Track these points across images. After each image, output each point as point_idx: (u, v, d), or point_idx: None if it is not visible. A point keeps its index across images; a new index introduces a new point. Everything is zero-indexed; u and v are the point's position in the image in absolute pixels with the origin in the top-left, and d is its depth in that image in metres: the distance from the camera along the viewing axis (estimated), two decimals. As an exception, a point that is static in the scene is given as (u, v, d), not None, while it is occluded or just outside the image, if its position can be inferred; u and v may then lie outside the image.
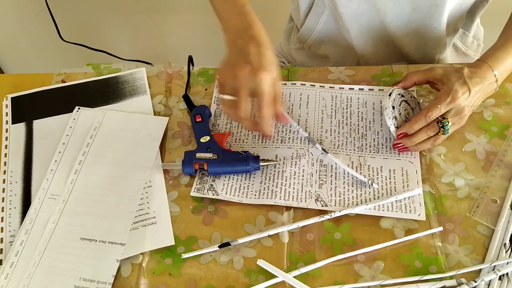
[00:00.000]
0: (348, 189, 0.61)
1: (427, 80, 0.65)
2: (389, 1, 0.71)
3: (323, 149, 0.63)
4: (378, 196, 0.60)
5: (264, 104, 0.55)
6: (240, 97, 0.55)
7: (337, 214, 0.58)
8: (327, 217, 0.58)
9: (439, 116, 0.60)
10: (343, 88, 0.71)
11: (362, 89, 0.71)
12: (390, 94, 0.63)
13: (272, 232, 0.58)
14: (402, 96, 0.65)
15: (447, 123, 0.59)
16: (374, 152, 0.64)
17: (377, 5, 0.72)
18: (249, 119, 0.57)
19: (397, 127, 0.62)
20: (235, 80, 0.55)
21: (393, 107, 0.63)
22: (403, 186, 0.61)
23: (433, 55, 0.80)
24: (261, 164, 0.62)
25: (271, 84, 0.55)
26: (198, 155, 0.63)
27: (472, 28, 0.82)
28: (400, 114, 0.63)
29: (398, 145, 0.62)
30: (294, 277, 0.54)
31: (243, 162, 0.61)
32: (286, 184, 0.62)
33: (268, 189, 0.61)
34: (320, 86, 0.71)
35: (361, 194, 0.60)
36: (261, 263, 0.55)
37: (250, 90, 0.55)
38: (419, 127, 0.60)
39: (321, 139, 0.66)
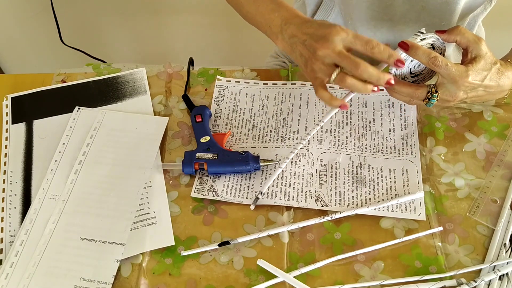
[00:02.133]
0: (348, 189, 0.61)
1: (466, 46, 0.60)
2: None
3: None
4: (379, 196, 0.60)
5: (355, 61, 0.55)
6: (335, 74, 0.56)
7: (338, 216, 0.58)
8: (327, 218, 0.58)
9: (433, 88, 0.58)
10: (342, 88, 0.71)
11: (362, 89, 0.71)
12: (423, 39, 0.58)
13: (272, 232, 0.58)
14: (433, 48, 0.59)
15: (435, 98, 0.58)
16: (374, 152, 0.64)
17: (386, 2, 0.72)
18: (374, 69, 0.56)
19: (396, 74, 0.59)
20: (320, 72, 0.57)
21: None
22: (404, 185, 0.61)
23: None
24: (261, 164, 0.62)
25: (344, 39, 0.56)
26: (198, 155, 0.63)
27: (475, 28, 0.82)
28: (412, 61, 0.59)
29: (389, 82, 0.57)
30: (294, 277, 0.54)
31: (243, 162, 0.61)
32: (286, 184, 0.62)
33: (268, 190, 0.61)
34: None
35: (361, 194, 0.60)
36: (261, 263, 0.55)
37: (333, 62, 0.56)
38: (417, 57, 0.56)
39: (321, 139, 0.66)
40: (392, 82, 0.56)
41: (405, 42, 0.57)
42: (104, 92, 0.72)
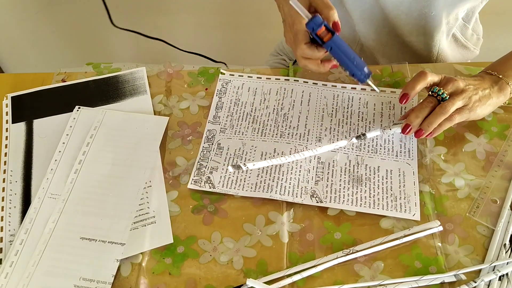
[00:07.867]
0: (344, 186, 0.61)
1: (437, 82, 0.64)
2: None
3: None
4: (374, 195, 0.60)
5: None
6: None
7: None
8: (346, 251, 0.58)
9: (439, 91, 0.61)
10: (345, 87, 0.71)
11: (364, 89, 0.71)
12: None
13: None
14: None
15: (438, 89, 0.61)
16: (372, 153, 0.64)
17: None
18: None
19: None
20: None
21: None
22: (399, 186, 0.61)
23: (433, 45, 0.80)
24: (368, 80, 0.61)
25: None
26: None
27: (472, 21, 0.82)
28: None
29: (406, 128, 0.61)
30: (293, 276, 0.54)
31: (360, 63, 0.59)
32: (282, 178, 0.62)
33: (265, 183, 0.61)
34: (322, 85, 0.72)
35: (356, 192, 0.60)
36: (250, 282, 0.53)
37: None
38: (419, 86, 0.61)
39: (320, 137, 0.66)
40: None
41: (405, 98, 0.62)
42: (104, 92, 0.72)
